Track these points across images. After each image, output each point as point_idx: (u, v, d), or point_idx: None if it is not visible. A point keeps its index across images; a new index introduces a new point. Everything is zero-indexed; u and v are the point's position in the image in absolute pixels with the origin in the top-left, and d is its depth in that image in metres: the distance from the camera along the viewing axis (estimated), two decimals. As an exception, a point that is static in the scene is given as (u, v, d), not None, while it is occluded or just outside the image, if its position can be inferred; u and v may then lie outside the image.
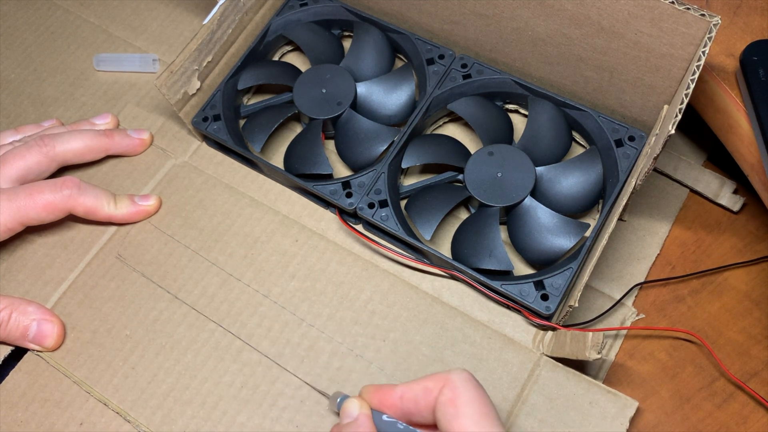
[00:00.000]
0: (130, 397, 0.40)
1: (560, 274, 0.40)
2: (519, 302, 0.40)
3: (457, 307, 0.42)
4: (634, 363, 0.42)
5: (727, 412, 0.41)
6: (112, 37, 0.54)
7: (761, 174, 0.41)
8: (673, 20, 0.37)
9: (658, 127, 0.41)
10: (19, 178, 0.43)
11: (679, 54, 0.39)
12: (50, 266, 0.44)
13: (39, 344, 0.41)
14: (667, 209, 0.46)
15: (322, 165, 0.45)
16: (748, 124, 0.41)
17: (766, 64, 0.40)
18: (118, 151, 0.47)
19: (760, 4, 0.44)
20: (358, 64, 0.49)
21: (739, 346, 0.43)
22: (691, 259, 0.45)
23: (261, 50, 0.50)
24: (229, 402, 0.40)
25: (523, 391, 0.39)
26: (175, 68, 0.45)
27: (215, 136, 0.46)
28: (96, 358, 0.41)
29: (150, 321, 0.42)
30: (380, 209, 0.43)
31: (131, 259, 0.44)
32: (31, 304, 0.42)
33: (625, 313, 0.43)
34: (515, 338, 0.41)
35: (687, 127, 0.49)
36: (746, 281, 0.45)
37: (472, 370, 0.40)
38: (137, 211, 0.45)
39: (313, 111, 0.46)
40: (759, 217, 0.46)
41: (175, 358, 0.41)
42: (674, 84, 0.41)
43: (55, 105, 0.51)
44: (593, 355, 0.35)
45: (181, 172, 0.47)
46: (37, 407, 0.40)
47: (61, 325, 0.42)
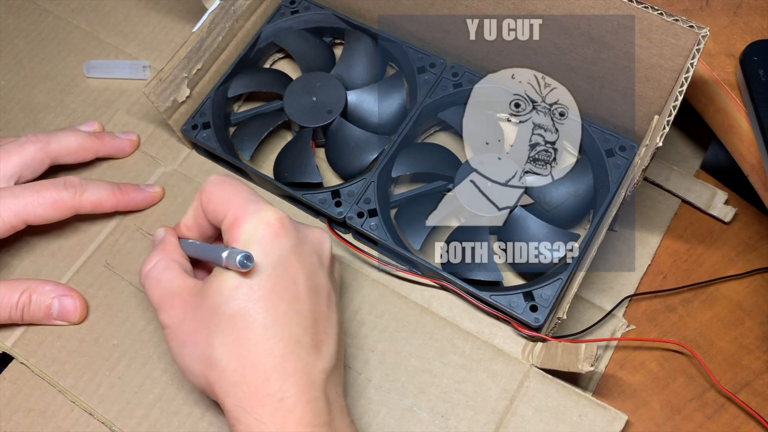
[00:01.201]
0: (115, 407, 0.40)
1: (550, 285, 0.40)
2: (508, 313, 0.40)
3: (447, 317, 0.42)
4: (625, 374, 0.42)
5: (719, 423, 0.41)
6: (103, 44, 0.53)
7: (761, 174, 0.41)
8: (662, 31, 0.37)
9: (648, 138, 0.40)
10: (16, 174, 0.43)
11: (668, 65, 0.39)
12: (38, 274, 0.44)
13: (64, 320, 0.42)
14: (658, 219, 0.46)
15: (311, 174, 0.45)
16: (748, 124, 0.41)
17: (766, 64, 0.40)
18: (108, 152, 0.47)
19: (760, 4, 0.44)
20: (349, 72, 0.48)
21: (730, 356, 0.42)
22: (682, 269, 0.45)
23: (251, 58, 0.50)
24: (215, 413, 0.39)
25: (512, 402, 0.39)
26: (164, 76, 0.44)
27: (205, 144, 0.46)
28: (82, 367, 0.41)
29: (137, 330, 0.42)
30: (369, 218, 0.43)
31: (119, 267, 0.44)
32: (47, 283, 0.42)
33: (616, 323, 0.43)
34: (504, 349, 0.40)
35: (679, 136, 0.49)
36: (738, 291, 0.44)
37: (461, 380, 0.40)
38: (144, 197, 0.45)
39: (303, 119, 0.46)
40: (751, 227, 0.46)
41: (163, 368, 0.41)
42: (664, 94, 0.41)
43: (45, 112, 0.51)
44: (586, 368, 0.35)
45: (171, 179, 0.47)
46: (20, 417, 0.40)
47: (82, 298, 0.42)
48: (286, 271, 0.34)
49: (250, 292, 0.33)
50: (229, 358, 0.33)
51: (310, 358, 0.33)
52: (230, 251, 0.33)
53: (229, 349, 0.33)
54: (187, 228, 0.39)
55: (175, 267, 0.37)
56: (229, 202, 0.35)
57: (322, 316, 0.35)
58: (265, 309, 0.33)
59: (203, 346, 0.33)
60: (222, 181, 0.37)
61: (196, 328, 0.34)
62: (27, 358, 0.41)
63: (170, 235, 0.39)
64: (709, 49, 0.43)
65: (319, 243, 0.37)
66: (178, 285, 0.36)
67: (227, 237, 0.35)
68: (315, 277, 0.35)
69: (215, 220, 0.36)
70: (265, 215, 0.34)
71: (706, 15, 0.44)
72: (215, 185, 0.36)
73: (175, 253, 0.38)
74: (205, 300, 0.34)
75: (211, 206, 0.36)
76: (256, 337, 0.33)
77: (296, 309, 0.34)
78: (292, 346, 0.33)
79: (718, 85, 0.42)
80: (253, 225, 0.34)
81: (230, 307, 0.33)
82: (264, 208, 0.35)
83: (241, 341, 0.33)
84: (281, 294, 0.33)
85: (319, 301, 0.35)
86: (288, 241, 0.34)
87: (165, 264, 0.37)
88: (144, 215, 0.46)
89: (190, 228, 0.39)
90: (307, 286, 0.34)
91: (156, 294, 0.36)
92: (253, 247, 0.34)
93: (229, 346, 0.33)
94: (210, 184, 0.37)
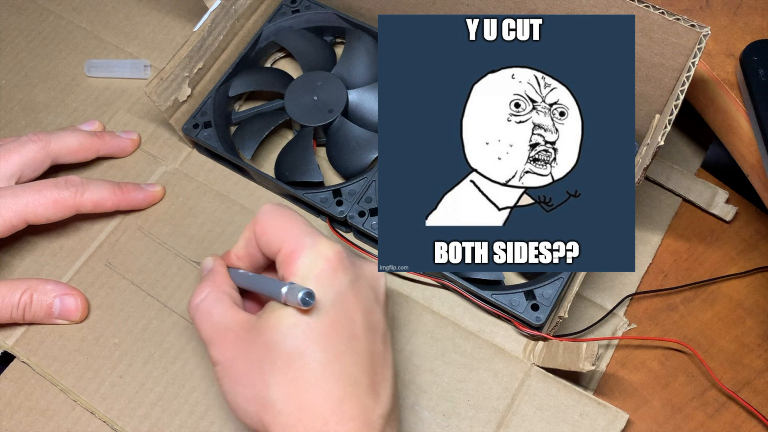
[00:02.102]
0: (117, 405, 0.40)
1: (551, 284, 0.40)
2: (509, 312, 0.40)
3: (448, 316, 0.42)
4: (626, 372, 0.42)
5: (720, 421, 0.41)
6: (104, 43, 0.53)
7: (761, 174, 0.41)
8: (663, 30, 0.37)
9: (650, 137, 0.40)
10: (16, 173, 0.43)
11: (669, 64, 0.39)
12: (39, 273, 0.44)
13: (66, 319, 0.42)
14: (659, 218, 0.46)
15: (312, 173, 0.45)
16: (748, 124, 0.41)
17: (766, 64, 0.40)
18: (109, 151, 0.47)
19: (760, 4, 0.44)
20: (349, 71, 0.48)
21: (731, 354, 0.42)
22: (683, 268, 0.45)
23: (252, 57, 0.50)
24: (217, 412, 0.39)
25: (513, 401, 0.39)
26: (165, 75, 0.44)
27: (206, 143, 0.46)
28: (83, 366, 0.41)
29: (139, 329, 0.42)
30: (371, 217, 0.43)
31: (121, 266, 0.44)
32: (48, 282, 0.42)
33: (617, 322, 0.43)
34: (506, 348, 0.40)
35: (680, 135, 0.49)
36: (739, 289, 0.44)
37: (462, 379, 0.40)
38: (144, 196, 0.45)
39: (304, 118, 0.46)
40: (752, 225, 0.46)
41: (164, 367, 0.41)
42: (666, 93, 0.41)
43: (45, 111, 0.51)
44: (587, 367, 0.35)
45: (172, 179, 0.47)
46: (22, 416, 0.40)
47: (83, 297, 0.42)
48: (344, 309, 0.33)
49: (308, 330, 0.31)
50: (285, 399, 0.31)
51: (368, 402, 0.32)
52: (290, 287, 0.32)
53: (286, 390, 0.31)
54: (238, 258, 0.37)
55: (227, 300, 0.35)
56: (284, 234, 0.34)
57: (379, 356, 0.33)
58: (323, 348, 0.31)
59: (258, 386, 0.32)
60: (277, 211, 0.35)
61: (250, 366, 0.32)
62: (28, 357, 0.41)
63: (220, 266, 0.37)
64: (709, 48, 0.43)
65: (376, 279, 0.35)
66: (231, 319, 0.34)
67: (283, 270, 0.34)
68: (372, 315, 0.34)
69: (269, 251, 0.35)
70: (323, 249, 0.33)
71: (706, 15, 0.44)
72: (270, 215, 0.35)
73: (226, 285, 0.36)
74: (260, 336, 0.32)
75: (266, 237, 0.35)
76: (313, 377, 0.31)
77: (354, 348, 0.32)
78: (351, 388, 0.31)
79: (718, 85, 0.42)
80: (310, 259, 0.33)
81: (287, 346, 0.31)
82: (321, 241, 0.33)
83: (297, 381, 0.31)
84: (339, 332, 0.32)
85: (376, 340, 0.33)
86: (346, 276, 0.33)
87: (216, 296, 0.35)
88: (145, 214, 0.46)
89: (240, 258, 0.37)
90: (365, 325, 0.33)
91: (207, 328, 0.34)
92: (311, 282, 0.32)
93: (286, 386, 0.31)
94: (265, 214, 0.35)
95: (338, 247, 0.34)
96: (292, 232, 0.34)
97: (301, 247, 0.33)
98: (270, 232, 0.35)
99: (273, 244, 0.34)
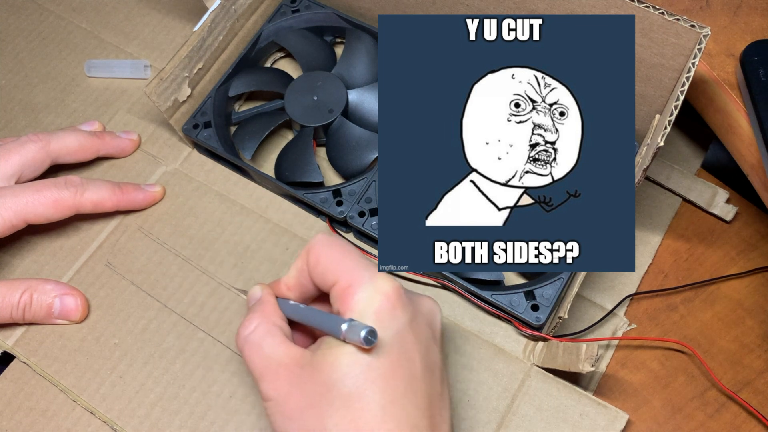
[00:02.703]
0: (117, 406, 0.40)
1: (551, 284, 0.40)
2: (509, 312, 0.40)
3: (448, 316, 0.42)
4: (626, 373, 0.42)
5: (720, 422, 0.41)
6: (104, 43, 0.53)
7: (761, 174, 0.41)
8: (663, 30, 0.37)
9: (650, 137, 0.40)
10: (16, 173, 0.43)
11: (669, 64, 0.39)
12: (39, 273, 0.44)
13: (65, 319, 0.42)
14: (659, 218, 0.46)
15: (312, 173, 0.45)
16: (748, 124, 0.41)
17: (766, 64, 0.40)
18: (109, 151, 0.47)
19: (760, 4, 0.44)
20: (349, 71, 0.48)
21: (731, 355, 0.42)
22: (683, 268, 0.45)
23: (252, 57, 0.50)
24: (217, 412, 0.39)
25: (513, 401, 0.39)
26: (165, 75, 0.44)
27: (206, 143, 0.46)
28: (83, 367, 0.41)
29: (139, 330, 0.42)
30: (371, 217, 0.43)
31: (121, 267, 0.44)
32: (48, 282, 0.42)
33: (617, 322, 0.43)
34: (506, 348, 0.40)
35: (680, 135, 0.49)
36: (739, 290, 0.44)
37: (462, 380, 0.40)
38: (144, 197, 0.45)
39: (304, 118, 0.46)
40: (752, 225, 0.46)
41: (164, 368, 0.41)
42: (666, 94, 0.41)
43: (45, 111, 0.51)
44: (587, 368, 0.35)
45: (172, 179, 0.47)
46: (22, 416, 0.40)
47: (83, 297, 0.42)
48: (403, 348, 0.31)
49: (368, 370, 0.30)
50: None
51: None
52: (351, 324, 0.30)
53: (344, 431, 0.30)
54: (288, 288, 0.36)
55: (277, 332, 0.33)
56: (339, 266, 0.33)
57: (437, 396, 0.32)
58: (382, 389, 0.30)
59: (313, 425, 0.31)
60: (331, 243, 0.34)
61: (305, 404, 0.31)
62: (28, 357, 0.41)
63: (269, 295, 0.36)
64: (709, 49, 0.43)
65: (433, 315, 0.34)
66: (284, 354, 0.32)
67: (339, 305, 0.33)
68: (430, 353, 0.33)
69: (323, 283, 0.34)
70: (382, 285, 0.32)
71: (706, 15, 0.44)
72: (324, 246, 0.34)
73: (275, 316, 0.34)
74: (316, 374, 0.31)
75: (320, 268, 0.34)
76: (373, 420, 0.30)
77: (413, 390, 0.31)
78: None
79: (718, 85, 0.42)
80: (368, 295, 0.32)
81: (346, 386, 0.30)
82: (379, 276, 0.32)
83: (357, 423, 0.30)
84: (399, 373, 0.31)
85: (434, 380, 0.32)
86: (404, 314, 0.32)
87: (266, 329, 0.34)
88: (145, 215, 0.46)
89: (291, 288, 0.36)
90: (423, 365, 0.32)
91: (257, 362, 0.33)
92: (369, 319, 0.31)
93: (344, 428, 0.30)
94: (319, 244, 0.34)
95: (396, 283, 0.32)
96: (348, 265, 0.33)
97: (358, 282, 0.32)
98: (324, 263, 0.33)
99: (328, 277, 0.33)
